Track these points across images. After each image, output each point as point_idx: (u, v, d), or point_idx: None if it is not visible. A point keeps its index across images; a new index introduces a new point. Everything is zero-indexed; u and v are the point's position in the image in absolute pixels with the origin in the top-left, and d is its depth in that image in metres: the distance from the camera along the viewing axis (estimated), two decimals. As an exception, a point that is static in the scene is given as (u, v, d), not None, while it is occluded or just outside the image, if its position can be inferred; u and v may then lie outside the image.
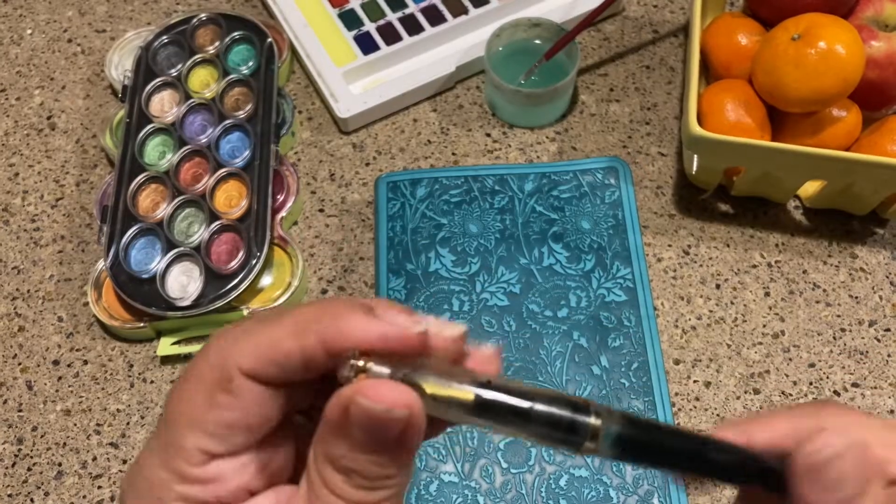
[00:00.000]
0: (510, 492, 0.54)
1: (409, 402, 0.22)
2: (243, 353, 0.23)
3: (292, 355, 0.23)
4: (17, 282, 0.65)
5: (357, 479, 0.22)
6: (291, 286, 0.62)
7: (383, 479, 0.22)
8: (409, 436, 0.22)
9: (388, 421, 0.21)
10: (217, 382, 0.23)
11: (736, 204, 0.66)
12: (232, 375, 0.23)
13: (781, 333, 0.61)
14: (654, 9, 0.77)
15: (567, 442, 0.24)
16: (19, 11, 0.79)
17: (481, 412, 0.23)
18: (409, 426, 0.22)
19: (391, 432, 0.22)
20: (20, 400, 0.60)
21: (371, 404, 0.21)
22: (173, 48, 0.71)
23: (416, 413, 0.22)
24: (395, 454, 0.22)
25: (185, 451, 0.23)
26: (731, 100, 0.61)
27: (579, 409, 0.23)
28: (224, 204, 0.64)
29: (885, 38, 0.60)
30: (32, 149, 0.71)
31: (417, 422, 0.22)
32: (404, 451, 0.22)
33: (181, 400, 0.24)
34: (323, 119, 0.72)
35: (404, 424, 0.22)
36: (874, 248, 0.64)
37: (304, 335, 0.23)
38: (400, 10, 0.74)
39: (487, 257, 0.62)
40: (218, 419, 0.23)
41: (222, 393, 0.23)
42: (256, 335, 0.23)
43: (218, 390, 0.23)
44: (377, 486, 0.22)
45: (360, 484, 0.22)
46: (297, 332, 0.23)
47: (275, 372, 0.23)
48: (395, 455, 0.22)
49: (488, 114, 0.71)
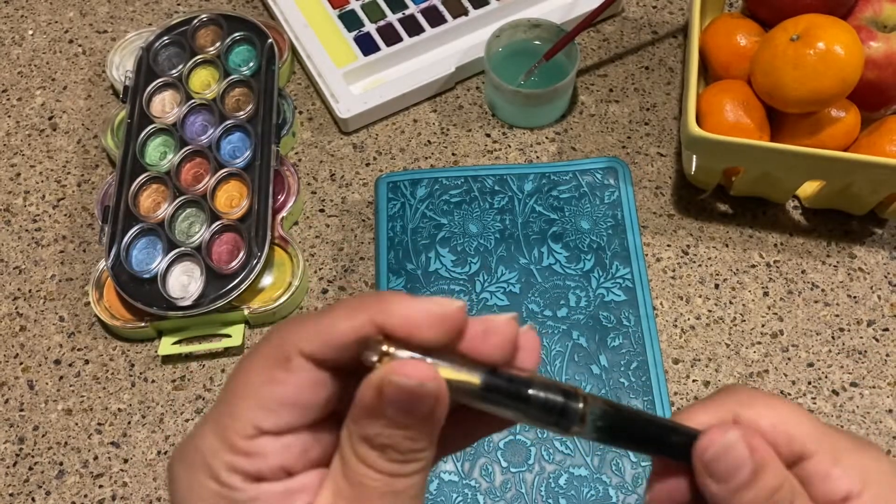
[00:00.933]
0: (510, 491, 0.54)
1: (435, 377, 0.24)
2: (302, 336, 0.25)
3: (347, 335, 0.24)
4: (18, 282, 0.65)
5: (391, 453, 0.24)
6: (292, 286, 0.62)
7: (415, 452, 0.24)
8: (438, 410, 0.24)
9: (421, 395, 0.23)
10: (276, 360, 0.25)
11: (735, 204, 0.67)
12: (291, 355, 0.25)
13: (780, 333, 0.61)
14: (654, 10, 0.77)
15: (558, 425, 0.26)
16: (21, 12, 0.79)
17: (486, 396, 0.25)
18: (437, 400, 0.24)
19: (424, 406, 0.24)
20: (22, 399, 0.60)
21: (405, 380, 0.23)
22: (174, 49, 0.72)
23: (443, 387, 0.24)
24: (425, 428, 0.24)
25: (239, 422, 0.25)
26: (730, 100, 0.61)
27: (569, 395, 0.26)
28: (225, 204, 0.64)
29: (883, 39, 0.60)
30: (34, 149, 0.71)
31: (444, 396, 0.24)
32: (433, 425, 0.24)
33: (241, 376, 0.25)
34: (323, 119, 0.72)
35: (434, 399, 0.24)
36: (873, 247, 0.65)
37: (356, 316, 0.24)
38: (400, 10, 0.74)
39: (487, 257, 0.63)
40: (272, 394, 0.25)
41: (280, 370, 0.25)
42: (315, 320, 0.25)
43: (276, 367, 0.25)
44: (409, 459, 0.24)
45: (394, 458, 0.24)
46: (350, 315, 0.25)
47: (331, 353, 0.25)
48: (426, 429, 0.24)
49: (488, 114, 0.72)
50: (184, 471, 0.25)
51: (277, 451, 0.25)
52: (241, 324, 0.62)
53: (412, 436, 0.24)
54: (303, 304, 0.63)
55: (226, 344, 0.61)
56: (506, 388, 0.25)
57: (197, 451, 0.25)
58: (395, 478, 0.24)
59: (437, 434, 0.25)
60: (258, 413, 0.25)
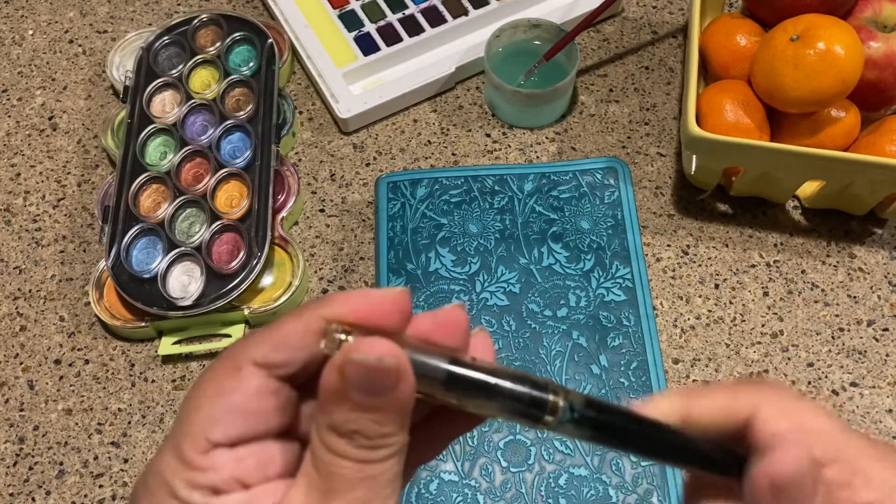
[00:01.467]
0: (510, 490, 0.54)
1: (395, 352, 0.23)
2: (251, 345, 0.25)
3: (295, 334, 0.25)
4: (18, 281, 0.65)
5: (359, 439, 0.24)
6: (292, 286, 0.62)
7: (384, 437, 0.24)
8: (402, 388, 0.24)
9: (381, 370, 0.23)
10: (227, 371, 0.25)
11: (735, 204, 0.67)
12: (241, 365, 0.25)
13: (780, 333, 0.61)
14: (654, 10, 0.77)
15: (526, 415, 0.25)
16: (21, 12, 0.79)
17: (451, 386, 0.25)
18: (400, 378, 0.23)
19: (387, 382, 0.23)
20: (22, 399, 0.60)
21: (364, 356, 0.23)
22: (174, 49, 0.72)
23: (404, 364, 0.23)
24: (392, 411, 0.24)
25: (192, 436, 0.24)
26: (729, 100, 0.61)
27: (539, 386, 0.25)
28: (225, 204, 0.64)
29: (883, 39, 0.60)
30: (34, 149, 0.71)
31: (406, 371, 0.24)
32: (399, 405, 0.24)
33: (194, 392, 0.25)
34: (323, 119, 0.72)
35: (396, 375, 0.23)
36: (872, 247, 0.65)
37: (302, 314, 0.25)
38: (400, 11, 0.74)
39: (487, 257, 0.63)
40: (221, 404, 0.25)
41: (229, 380, 0.25)
42: (265, 330, 0.25)
43: (226, 378, 0.25)
44: (378, 445, 0.24)
45: (363, 444, 0.24)
46: (297, 315, 0.25)
47: (281, 356, 0.25)
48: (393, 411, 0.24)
49: (488, 114, 0.72)
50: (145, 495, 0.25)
51: (230, 462, 0.24)
52: (241, 324, 0.62)
53: (379, 419, 0.24)
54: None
55: (226, 344, 0.61)
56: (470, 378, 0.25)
57: (156, 473, 0.25)
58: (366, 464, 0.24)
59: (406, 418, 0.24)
60: (208, 425, 0.24)
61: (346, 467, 0.24)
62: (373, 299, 0.25)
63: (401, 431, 0.24)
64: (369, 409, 0.24)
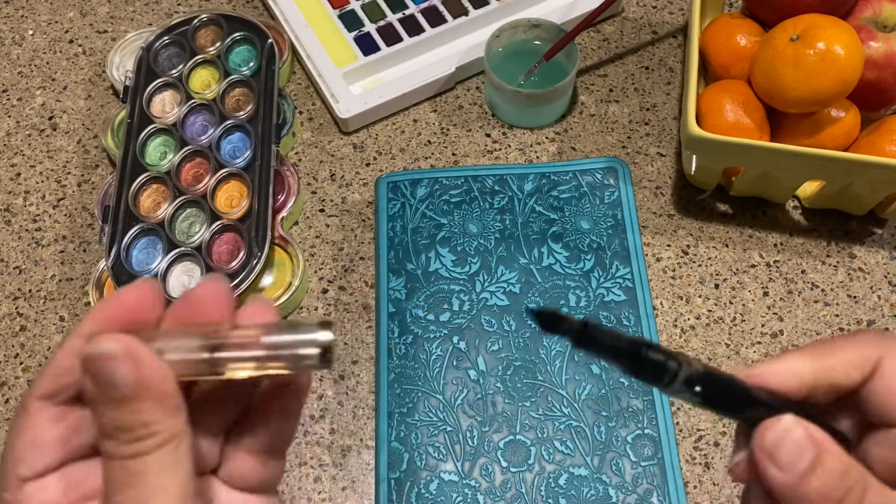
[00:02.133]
0: (510, 490, 0.54)
1: (118, 338, 0.24)
2: (34, 385, 0.26)
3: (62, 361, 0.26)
4: (18, 282, 0.65)
5: (124, 435, 0.24)
6: (292, 286, 0.62)
7: (145, 426, 0.24)
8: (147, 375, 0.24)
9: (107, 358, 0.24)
10: (19, 414, 0.26)
11: (735, 204, 0.67)
12: (27, 404, 0.26)
13: (780, 333, 0.61)
14: (654, 10, 0.77)
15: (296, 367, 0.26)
16: (21, 12, 0.79)
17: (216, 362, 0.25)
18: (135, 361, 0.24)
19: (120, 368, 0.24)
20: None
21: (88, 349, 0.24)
22: (174, 49, 0.72)
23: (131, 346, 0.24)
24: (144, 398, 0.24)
25: (5, 478, 0.26)
26: (729, 100, 0.61)
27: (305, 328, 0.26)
28: (225, 204, 0.64)
29: (883, 39, 0.60)
30: (34, 149, 0.71)
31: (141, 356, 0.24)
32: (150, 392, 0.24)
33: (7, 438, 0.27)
34: (323, 119, 0.72)
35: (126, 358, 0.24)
36: (872, 247, 0.65)
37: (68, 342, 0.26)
38: (400, 11, 0.74)
39: (487, 257, 0.63)
40: (20, 442, 0.26)
41: (22, 419, 0.26)
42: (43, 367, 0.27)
43: (19, 418, 0.26)
44: (143, 436, 0.24)
45: (126, 438, 0.24)
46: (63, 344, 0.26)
47: (56, 383, 0.26)
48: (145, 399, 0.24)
49: (488, 114, 0.72)
50: None
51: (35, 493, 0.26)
52: (241, 324, 0.62)
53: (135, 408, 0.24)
54: (303, 304, 0.63)
55: (226, 344, 0.61)
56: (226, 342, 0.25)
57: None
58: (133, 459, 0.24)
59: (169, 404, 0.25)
60: (14, 465, 0.26)
61: (116, 468, 0.24)
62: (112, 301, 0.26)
63: (167, 418, 0.24)
64: (120, 400, 0.24)
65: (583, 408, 0.57)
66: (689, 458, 0.57)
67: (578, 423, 0.56)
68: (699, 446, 0.57)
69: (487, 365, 0.58)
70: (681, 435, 0.57)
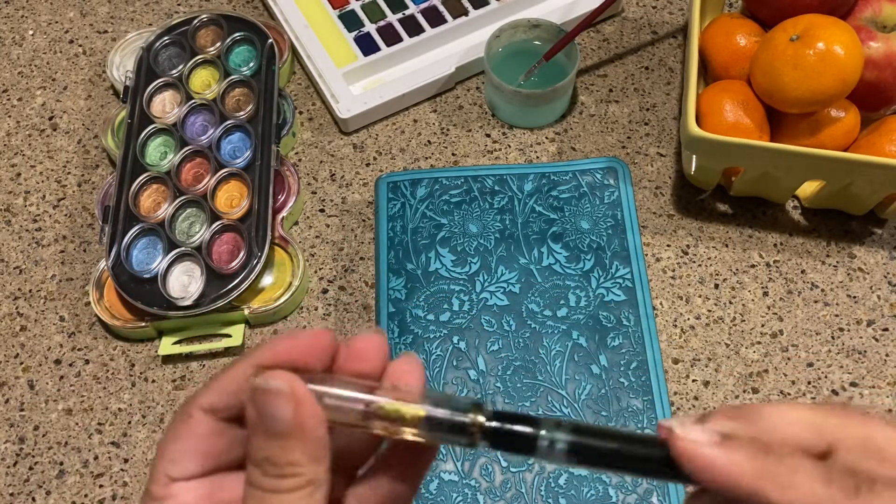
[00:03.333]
0: (510, 490, 0.54)
1: (288, 379, 0.26)
2: (199, 393, 0.28)
3: (233, 379, 0.28)
4: (19, 281, 0.65)
5: (268, 467, 0.26)
6: (292, 286, 0.62)
7: (291, 465, 0.26)
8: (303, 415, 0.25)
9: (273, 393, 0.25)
10: (181, 419, 0.28)
11: (734, 204, 0.67)
12: (192, 412, 0.28)
13: (780, 333, 0.61)
14: (653, 10, 0.77)
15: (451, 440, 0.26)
16: (21, 12, 0.79)
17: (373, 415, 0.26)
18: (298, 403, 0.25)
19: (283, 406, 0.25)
20: (22, 399, 0.60)
21: (258, 382, 0.26)
22: (174, 49, 0.72)
23: (299, 390, 0.26)
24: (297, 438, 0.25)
25: (156, 475, 0.28)
26: (729, 100, 0.61)
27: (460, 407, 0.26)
28: (225, 204, 0.64)
29: (883, 39, 0.60)
30: (34, 149, 0.71)
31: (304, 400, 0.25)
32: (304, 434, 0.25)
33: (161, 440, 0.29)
34: (323, 119, 0.72)
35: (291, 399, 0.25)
36: (872, 247, 0.65)
37: (239, 363, 0.28)
38: (400, 11, 0.74)
39: (487, 257, 0.63)
40: (175, 447, 0.28)
41: (181, 426, 0.28)
42: (211, 379, 0.28)
43: (179, 424, 0.28)
44: (286, 474, 0.26)
45: (271, 472, 0.26)
46: (235, 364, 0.28)
47: (224, 400, 0.28)
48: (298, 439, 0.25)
49: (488, 114, 0.72)
50: None
51: (182, 493, 0.28)
52: (241, 324, 0.62)
53: (285, 445, 0.25)
54: (303, 304, 0.63)
55: (226, 344, 0.61)
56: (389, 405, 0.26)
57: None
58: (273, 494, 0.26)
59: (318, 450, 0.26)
60: (168, 465, 0.28)
61: (255, 496, 0.26)
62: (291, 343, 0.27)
63: (312, 463, 0.26)
64: (275, 435, 0.26)
65: (583, 408, 0.57)
66: (689, 458, 0.57)
67: (578, 423, 0.56)
68: (699, 446, 0.57)
69: (487, 365, 0.59)
70: (681, 435, 0.57)
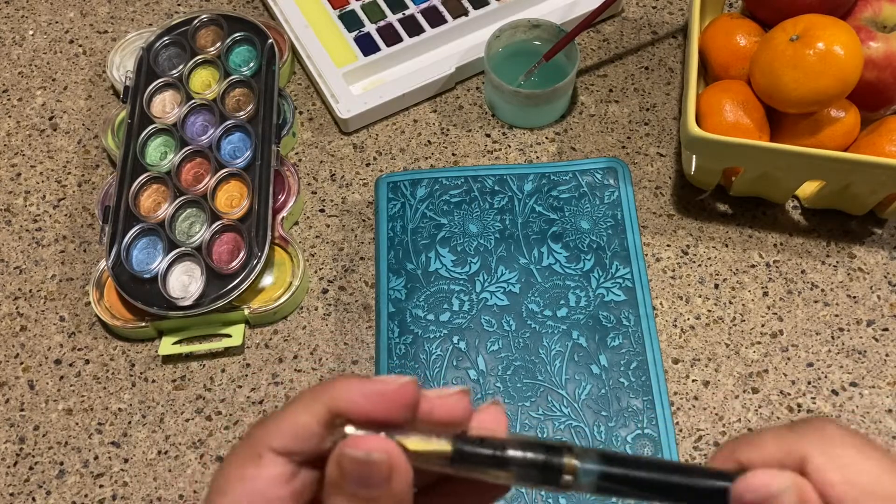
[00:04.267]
0: (510, 490, 0.54)
1: (385, 448, 0.25)
2: (270, 432, 0.27)
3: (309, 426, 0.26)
4: (19, 281, 0.65)
5: None
6: (292, 286, 0.62)
7: None
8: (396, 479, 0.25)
9: (370, 464, 0.25)
10: (249, 458, 0.27)
11: (734, 204, 0.67)
12: (262, 452, 0.26)
13: (780, 333, 0.61)
14: (653, 10, 0.77)
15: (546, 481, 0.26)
16: (21, 12, 0.79)
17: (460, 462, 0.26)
18: (392, 470, 0.25)
19: (377, 475, 0.25)
20: (22, 399, 0.60)
21: (354, 452, 0.25)
22: (175, 49, 0.72)
23: (395, 456, 0.25)
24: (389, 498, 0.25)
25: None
26: (729, 100, 0.61)
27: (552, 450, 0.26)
28: (225, 204, 0.64)
29: (883, 39, 0.60)
30: (34, 149, 0.71)
31: (399, 465, 0.25)
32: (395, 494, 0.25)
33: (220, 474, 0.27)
34: (324, 120, 0.72)
35: (387, 468, 0.25)
36: (872, 247, 0.65)
37: (312, 407, 0.26)
38: (400, 11, 0.74)
39: (487, 257, 0.63)
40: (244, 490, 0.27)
41: (251, 467, 0.27)
42: (281, 416, 0.27)
43: (249, 464, 0.27)
44: None
45: None
46: (308, 406, 0.26)
47: (298, 445, 0.26)
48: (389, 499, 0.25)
49: (488, 114, 0.72)
50: None
51: None
52: (241, 324, 0.62)
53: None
54: (303, 304, 0.63)
55: (226, 344, 0.61)
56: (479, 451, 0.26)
57: None
58: None
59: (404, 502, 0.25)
60: None
61: None
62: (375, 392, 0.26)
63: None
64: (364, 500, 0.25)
65: (582, 408, 0.57)
66: (689, 458, 0.57)
67: (578, 423, 0.56)
68: (699, 446, 0.57)
69: (487, 365, 0.59)
70: (680, 435, 0.57)
